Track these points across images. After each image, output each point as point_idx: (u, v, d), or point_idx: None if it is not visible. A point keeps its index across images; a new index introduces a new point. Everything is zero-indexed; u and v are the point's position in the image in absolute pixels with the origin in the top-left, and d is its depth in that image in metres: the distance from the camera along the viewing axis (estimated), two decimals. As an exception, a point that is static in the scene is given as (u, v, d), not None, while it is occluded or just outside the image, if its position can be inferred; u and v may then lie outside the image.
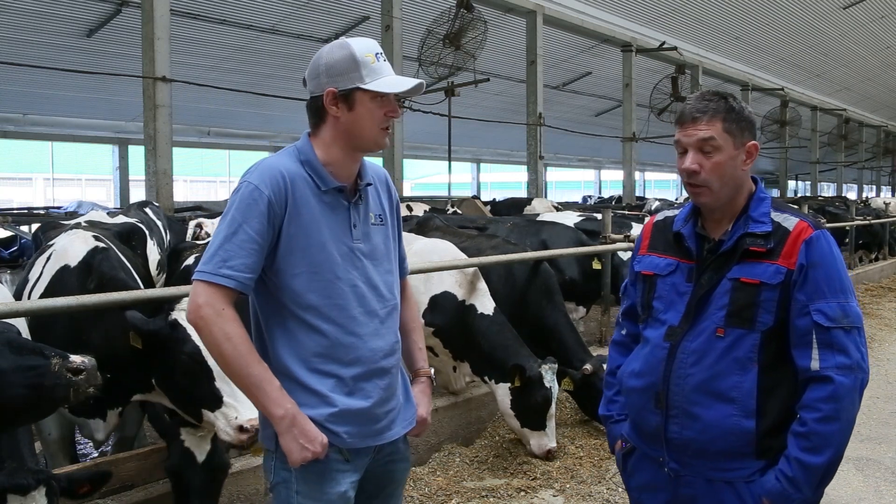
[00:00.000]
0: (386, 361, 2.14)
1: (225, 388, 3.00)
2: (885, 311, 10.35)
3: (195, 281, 1.98)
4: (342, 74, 2.02)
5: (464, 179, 36.37)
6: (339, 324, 2.05)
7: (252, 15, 14.70)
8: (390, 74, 2.06)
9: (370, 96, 2.03)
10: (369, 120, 2.06)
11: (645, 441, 2.15)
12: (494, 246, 5.51)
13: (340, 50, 2.04)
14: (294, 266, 2.03)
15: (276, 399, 1.97)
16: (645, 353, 2.13)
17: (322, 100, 2.05)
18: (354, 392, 2.08)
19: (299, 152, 2.10)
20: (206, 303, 1.94)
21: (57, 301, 3.19)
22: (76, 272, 3.74)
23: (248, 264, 1.97)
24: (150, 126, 8.70)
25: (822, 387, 1.89)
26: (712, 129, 1.98)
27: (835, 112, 29.97)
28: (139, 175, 14.28)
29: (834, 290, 1.94)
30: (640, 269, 2.20)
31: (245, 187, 2.01)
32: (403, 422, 2.23)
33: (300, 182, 2.04)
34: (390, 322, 2.17)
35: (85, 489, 2.76)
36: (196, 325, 1.97)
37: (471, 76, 12.46)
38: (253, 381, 1.96)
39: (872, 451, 5.03)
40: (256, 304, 2.12)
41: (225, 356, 1.96)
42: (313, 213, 2.04)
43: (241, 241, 1.96)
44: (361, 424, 2.09)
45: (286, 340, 2.06)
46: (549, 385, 4.50)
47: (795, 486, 1.90)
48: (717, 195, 2.02)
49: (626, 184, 18.70)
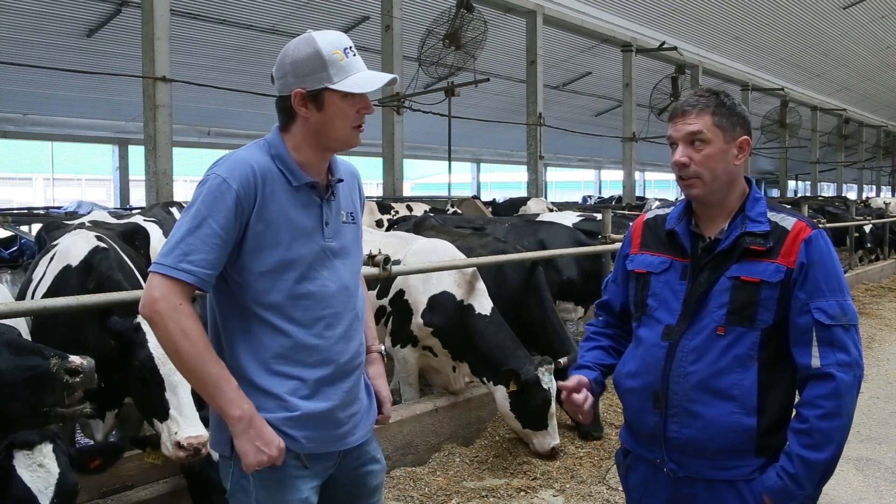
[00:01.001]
0: (350, 364, 2.07)
1: (172, 400, 2.95)
2: (885, 311, 10.35)
3: (152, 273, 1.88)
4: (309, 74, 1.94)
5: (464, 179, 36.37)
6: (304, 325, 1.98)
7: (252, 15, 14.71)
8: (360, 70, 1.97)
9: (340, 95, 1.95)
10: (340, 119, 1.98)
11: (641, 443, 2.14)
12: (485, 245, 5.51)
13: (306, 47, 1.95)
14: (259, 264, 1.94)
15: (232, 399, 1.89)
16: (640, 353, 2.12)
17: (290, 100, 1.97)
18: (315, 395, 2.00)
19: (270, 146, 2.02)
20: (162, 297, 1.85)
21: (57, 301, 3.18)
22: (77, 272, 3.75)
23: (209, 260, 1.88)
24: (150, 126, 8.70)
25: (824, 384, 1.90)
26: (701, 122, 2.00)
27: (835, 112, 29.97)
28: (139, 175, 14.28)
29: (833, 288, 1.95)
30: (632, 268, 2.19)
31: (212, 180, 1.92)
32: (367, 425, 2.15)
33: (271, 177, 1.96)
34: (357, 323, 2.10)
35: (97, 463, 2.74)
36: (151, 319, 1.87)
37: (471, 76, 12.46)
38: (210, 379, 1.87)
39: (872, 451, 5.03)
40: (215, 302, 2.03)
41: (181, 353, 1.86)
42: (283, 210, 1.96)
43: (205, 235, 1.87)
44: (321, 429, 2.01)
45: (245, 341, 1.98)
46: (546, 386, 4.49)
47: (797, 482, 1.91)
48: (708, 187, 2.03)
49: (626, 184, 18.70)
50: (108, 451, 2.80)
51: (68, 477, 2.58)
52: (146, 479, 3.48)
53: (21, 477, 2.49)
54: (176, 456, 2.91)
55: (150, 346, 3.03)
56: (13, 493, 2.47)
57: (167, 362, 2.97)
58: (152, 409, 3.04)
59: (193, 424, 2.92)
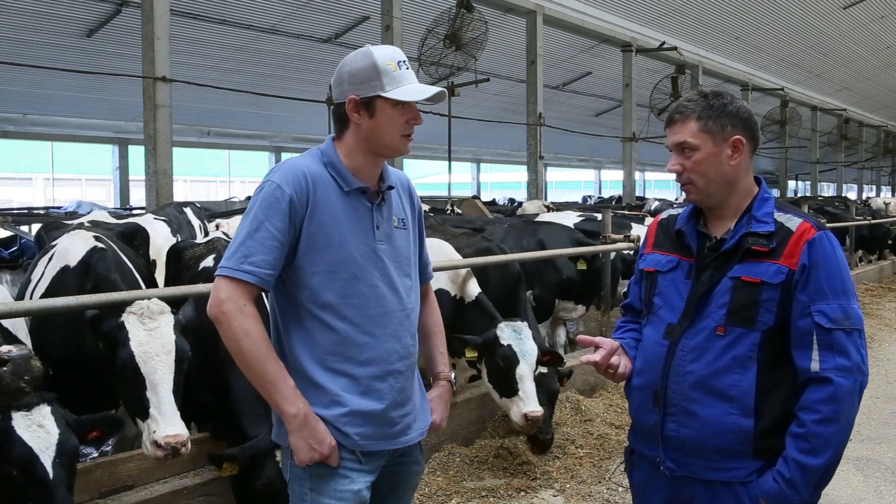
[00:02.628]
0: (401, 364, 2.15)
1: (153, 398, 2.91)
2: (885, 311, 10.35)
3: (217, 276, 2.02)
4: (364, 82, 2.06)
5: (464, 179, 36.36)
6: (355, 323, 2.07)
7: (252, 15, 14.70)
8: (412, 82, 2.10)
9: (391, 104, 2.07)
10: (390, 127, 2.09)
11: (642, 440, 2.15)
12: (472, 244, 5.58)
13: (363, 59, 2.08)
14: (313, 264, 2.06)
15: (289, 397, 2.00)
16: (644, 351, 2.14)
17: (345, 107, 2.09)
18: (368, 393, 2.09)
19: (322, 154, 2.14)
20: (227, 298, 1.98)
21: (57, 301, 3.19)
22: (75, 272, 3.76)
23: (268, 261, 2.00)
24: (150, 126, 8.69)
25: (822, 388, 1.89)
26: (685, 131, 2.02)
27: (835, 112, 29.95)
28: (139, 175, 14.28)
29: (836, 291, 1.93)
30: (643, 266, 2.21)
31: (268, 186, 2.04)
32: (420, 427, 2.23)
33: (322, 182, 2.08)
34: (408, 325, 2.18)
35: (95, 434, 2.72)
36: (217, 319, 1.99)
37: (471, 76, 12.45)
38: (268, 378, 1.99)
39: (872, 451, 5.03)
40: (274, 301, 2.15)
41: (243, 352, 1.98)
42: (335, 213, 2.07)
43: (263, 238, 2.00)
44: (375, 426, 2.10)
45: (302, 338, 2.09)
46: (506, 342, 4.25)
47: (793, 487, 1.90)
48: (703, 192, 2.05)
49: (626, 184, 18.69)
50: (106, 422, 2.80)
51: (69, 437, 2.57)
52: (146, 479, 3.48)
53: (21, 437, 2.48)
54: (154, 455, 2.84)
55: (132, 344, 2.99)
56: (15, 454, 2.46)
57: (148, 360, 2.96)
58: (135, 408, 3.01)
59: (172, 424, 2.85)
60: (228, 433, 3.44)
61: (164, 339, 3.04)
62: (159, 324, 3.07)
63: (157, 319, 3.08)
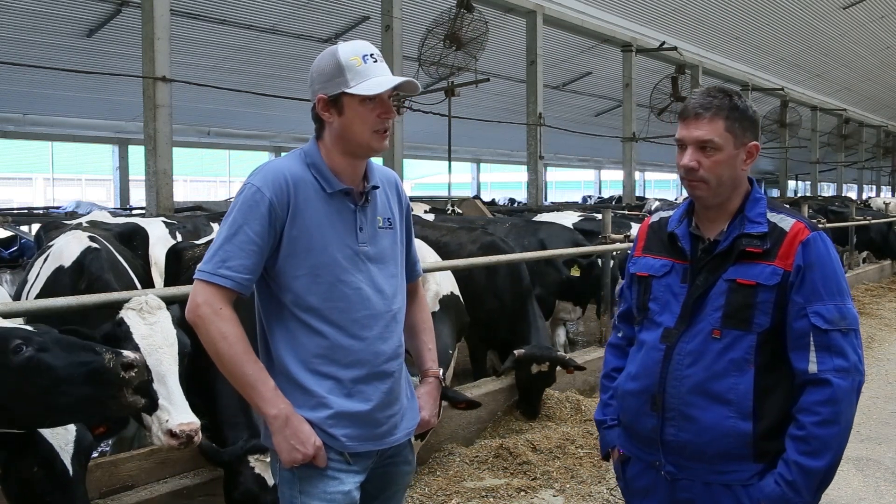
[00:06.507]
0: (388, 365, 2.13)
1: (161, 390, 2.90)
2: (885, 311, 10.34)
3: (195, 280, 2.02)
4: (329, 80, 2.03)
5: (464, 179, 36.36)
6: (340, 326, 2.06)
7: (252, 15, 14.69)
8: (379, 75, 2.03)
9: (357, 100, 2.03)
10: (360, 124, 2.05)
11: (639, 445, 2.13)
12: (474, 240, 5.51)
13: (329, 56, 2.05)
14: (295, 268, 2.04)
15: (269, 399, 2.00)
16: (641, 356, 2.11)
17: (317, 107, 2.08)
18: (353, 394, 2.07)
19: (306, 155, 2.12)
20: (204, 302, 1.98)
21: (57, 301, 3.19)
22: (69, 272, 3.78)
23: (246, 265, 1.99)
24: (150, 126, 8.69)
25: (821, 390, 1.89)
26: (713, 129, 1.96)
27: (835, 112, 29.93)
28: (139, 175, 14.27)
29: (831, 292, 1.92)
30: (635, 271, 2.18)
31: (248, 189, 2.03)
32: (407, 427, 2.22)
33: (304, 184, 2.06)
34: (394, 326, 2.16)
35: (101, 430, 2.70)
36: (194, 323, 2.00)
37: (471, 76, 12.45)
38: (248, 380, 1.99)
39: (872, 451, 5.02)
40: (259, 304, 2.15)
41: (220, 355, 1.99)
42: (317, 216, 2.05)
43: (241, 242, 1.99)
44: (361, 428, 2.09)
45: (287, 341, 2.07)
46: None
47: (795, 490, 1.89)
48: (714, 191, 2.01)
49: (626, 184, 18.67)
50: None
51: (84, 434, 2.55)
52: (146, 479, 3.48)
53: (42, 434, 2.44)
54: (168, 444, 2.84)
55: (136, 337, 2.98)
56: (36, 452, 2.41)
57: (153, 353, 2.95)
58: None
59: (184, 412, 2.85)
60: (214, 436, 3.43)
61: (165, 333, 3.04)
62: (158, 318, 3.07)
63: (155, 314, 3.08)
